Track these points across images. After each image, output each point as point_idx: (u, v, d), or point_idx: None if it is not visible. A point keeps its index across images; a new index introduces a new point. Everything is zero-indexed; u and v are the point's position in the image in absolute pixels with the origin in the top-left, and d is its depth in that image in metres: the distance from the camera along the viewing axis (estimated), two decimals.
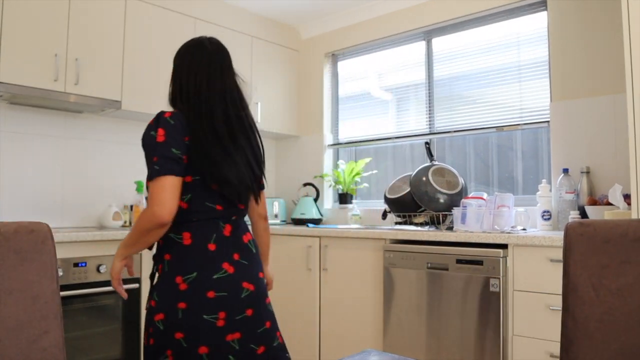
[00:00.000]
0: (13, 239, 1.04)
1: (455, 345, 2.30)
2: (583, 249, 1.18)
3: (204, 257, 1.39)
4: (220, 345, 1.36)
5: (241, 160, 1.47)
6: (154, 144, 1.40)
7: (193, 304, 1.35)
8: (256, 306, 1.44)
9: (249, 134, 1.53)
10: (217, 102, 1.53)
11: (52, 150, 2.88)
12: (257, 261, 1.51)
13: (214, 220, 1.44)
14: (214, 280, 1.37)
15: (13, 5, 2.44)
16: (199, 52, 1.68)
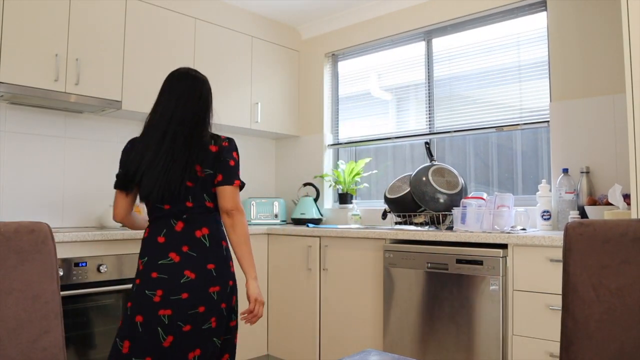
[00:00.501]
0: (13, 239, 1.04)
1: (455, 345, 2.30)
2: (583, 249, 1.18)
3: (154, 246, 1.75)
4: (152, 317, 1.66)
5: (164, 169, 1.74)
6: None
7: (142, 281, 1.71)
8: (193, 292, 1.68)
9: (189, 149, 1.77)
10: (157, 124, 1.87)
11: (52, 150, 2.88)
12: (208, 254, 1.75)
13: (165, 219, 1.77)
14: (159, 265, 1.70)
15: (13, 5, 2.44)
16: (166, 84, 1.98)
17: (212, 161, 1.81)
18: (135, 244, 2.56)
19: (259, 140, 4.01)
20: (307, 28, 3.94)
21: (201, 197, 1.79)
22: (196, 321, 1.68)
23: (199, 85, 1.93)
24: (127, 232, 2.53)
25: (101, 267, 2.41)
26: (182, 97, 1.88)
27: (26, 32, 2.48)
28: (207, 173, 1.79)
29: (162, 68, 3.04)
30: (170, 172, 1.73)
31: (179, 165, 1.74)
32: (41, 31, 2.53)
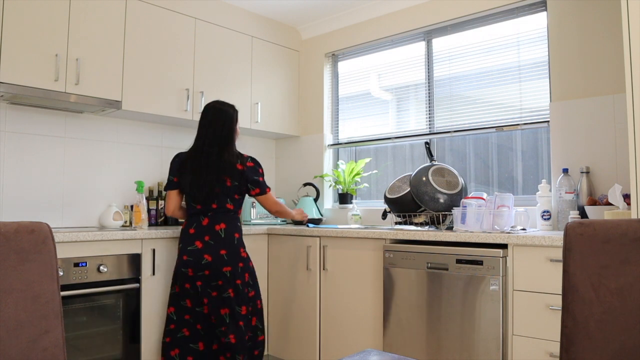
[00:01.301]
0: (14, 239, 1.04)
1: (455, 345, 2.30)
2: (583, 249, 1.18)
3: (186, 236, 2.48)
4: (188, 286, 2.45)
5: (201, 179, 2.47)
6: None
7: (179, 261, 2.48)
8: (211, 270, 2.42)
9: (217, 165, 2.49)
10: (196, 146, 2.57)
11: (52, 150, 2.88)
12: (222, 243, 2.46)
13: (196, 215, 2.50)
14: (188, 250, 2.45)
15: (13, 5, 2.44)
16: (203, 114, 2.62)
17: (239, 176, 2.52)
18: (134, 245, 2.57)
19: (259, 140, 4.01)
20: (307, 28, 3.94)
21: (224, 201, 2.50)
22: (219, 290, 2.43)
23: (222, 115, 2.56)
24: (127, 233, 2.53)
25: (101, 267, 2.42)
26: (211, 125, 2.54)
27: (26, 32, 2.48)
28: (234, 184, 2.51)
29: (162, 68, 3.06)
30: (204, 182, 2.46)
31: (211, 177, 2.46)
32: (41, 31, 2.53)
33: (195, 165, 2.48)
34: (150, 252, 2.63)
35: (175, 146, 3.45)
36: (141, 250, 2.59)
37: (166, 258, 2.70)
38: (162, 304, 2.67)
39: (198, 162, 2.48)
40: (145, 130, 3.30)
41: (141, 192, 2.90)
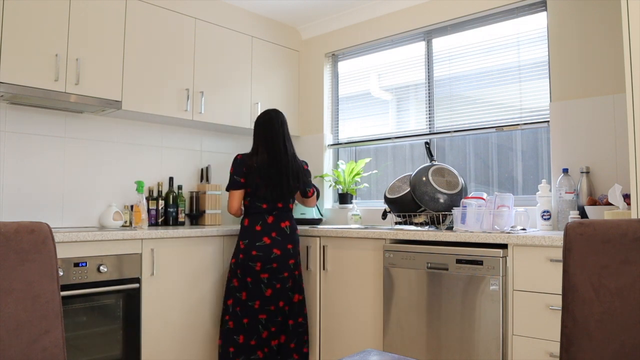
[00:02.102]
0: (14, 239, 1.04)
1: (455, 345, 2.30)
2: (583, 249, 1.18)
3: (253, 232, 2.70)
4: (256, 278, 2.67)
5: (278, 182, 2.72)
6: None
7: (245, 255, 2.68)
8: (279, 263, 2.69)
9: (288, 166, 2.76)
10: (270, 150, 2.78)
11: (52, 150, 2.88)
12: (289, 238, 2.74)
13: (261, 214, 2.74)
14: (256, 246, 2.67)
15: (13, 5, 2.44)
16: (266, 119, 2.87)
17: (303, 178, 2.82)
18: (133, 245, 2.57)
19: None
20: (307, 28, 3.94)
21: (288, 200, 2.78)
22: (282, 282, 2.71)
23: (284, 120, 2.86)
24: (127, 233, 2.53)
25: (101, 267, 2.42)
26: (279, 130, 2.80)
27: (26, 32, 2.48)
28: (296, 185, 2.78)
29: (162, 68, 3.06)
30: (276, 183, 2.70)
31: (284, 179, 2.71)
32: (41, 31, 2.53)
33: (268, 167, 2.69)
34: (150, 252, 2.63)
35: (175, 146, 3.45)
36: (141, 250, 2.59)
37: (166, 258, 2.70)
38: (163, 304, 2.68)
39: (271, 165, 2.70)
40: (145, 130, 3.30)
41: (141, 192, 2.90)
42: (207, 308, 2.89)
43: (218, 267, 2.95)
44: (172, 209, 3.28)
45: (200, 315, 2.85)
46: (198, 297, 2.85)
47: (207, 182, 3.54)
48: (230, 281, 2.74)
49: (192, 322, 2.82)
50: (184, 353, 2.77)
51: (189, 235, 2.81)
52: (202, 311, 2.86)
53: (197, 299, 2.84)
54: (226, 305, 2.73)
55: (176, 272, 2.75)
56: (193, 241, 2.84)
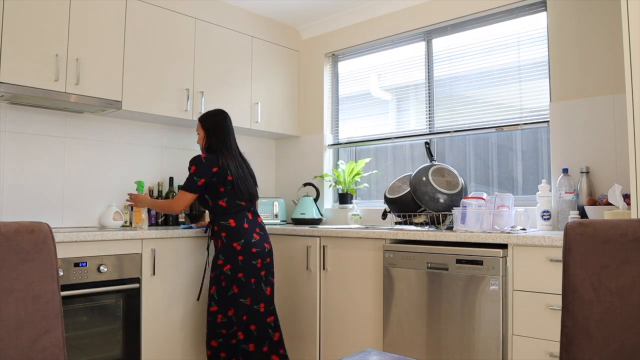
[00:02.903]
0: (14, 239, 1.04)
1: (455, 345, 2.30)
2: (583, 249, 1.18)
3: (244, 231, 2.59)
4: (258, 277, 2.60)
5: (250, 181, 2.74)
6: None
7: (245, 256, 2.56)
8: (271, 257, 2.68)
9: (245, 164, 2.78)
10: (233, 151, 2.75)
11: (52, 150, 2.88)
12: (267, 232, 2.74)
13: (243, 211, 2.65)
14: (252, 243, 2.59)
15: (14, 5, 2.44)
16: (221, 118, 2.78)
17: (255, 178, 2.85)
18: (133, 245, 2.57)
19: (259, 140, 4.01)
20: (307, 28, 3.94)
21: (257, 197, 2.79)
22: (274, 276, 2.78)
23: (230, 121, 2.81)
24: (127, 233, 2.53)
25: (101, 267, 2.42)
26: (230, 130, 2.75)
27: (26, 32, 2.48)
28: (256, 184, 2.83)
29: (162, 68, 3.06)
30: (249, 181, 2.71)
31: (251, 176, 2.76)
32: (41, 31, 2.53)
33: (238, 165, 2.67)
34: (150, 252, 2.63)
35: (175, 146, 3.45)
36: (141, 250, 2.59)
37: (166, 258, 2.70)
38: (163, 304, 2.68)
39: (240, 163, 2.69)
40: (145, 130, 3.30)
41: (141, 192, 2.90)
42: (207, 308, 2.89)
43: None
44: None
45: (201, 315, 2.85)
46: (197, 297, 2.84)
47: None
48: (226, 290, 2.55)
49: (192, 322, 2.82)
50: (184, 353, 2.77)
51: (189, 235, 2.81)
52: (203, 311, 2.86)
53: (196, 299, 2.84)
54: (227, 317, 2.55)
55: (176, 272, 2.75)
56: (193, 241, 2.84)
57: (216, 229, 2.61)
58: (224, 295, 2.56)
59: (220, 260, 2.56)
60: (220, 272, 2.56)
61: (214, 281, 2.58)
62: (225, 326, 2.55)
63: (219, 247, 2.60)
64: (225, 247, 2.57)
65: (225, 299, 2.56)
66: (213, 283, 2.58)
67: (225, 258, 2.56)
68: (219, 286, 2.56)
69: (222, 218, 2.60)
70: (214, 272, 2.58)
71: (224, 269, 2.55)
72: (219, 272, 2.56)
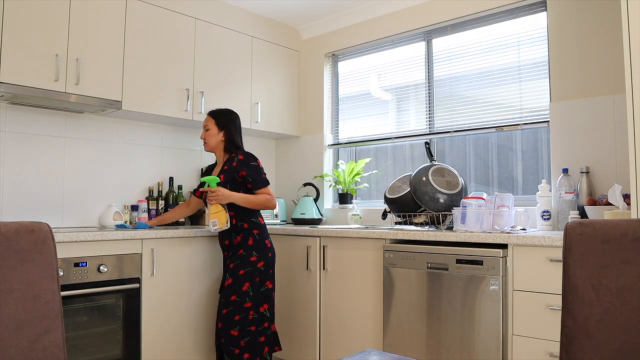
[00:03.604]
0: (14, 239, 1.04)
1: (455, 345, 2.30)
2: (583, 249, 1.18)
3: (266, 229, 2.71)
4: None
5: None
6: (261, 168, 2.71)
7: (273, 253, 2.67)
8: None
9: None
10: None
11: (52, 150, 2.88)
12: None
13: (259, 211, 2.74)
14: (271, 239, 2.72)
15: (14, 5, 2.44)
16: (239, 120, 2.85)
17: None
18: (133, 245, 2.57)
19: (259, 140, 4.01)
20: (307, 28, 3.94)
21: None
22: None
23: None
24: (127, 233, 2.53)
25: (101, 267, 2.42)
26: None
27: (26, 32, 2.48)
28: None
29: (162, 68, 3.06)
30: None
31: None
32: (41, 31, 2.53)
33: None
34: (150, 252, 2.63)
35: (175, 146, 3.45)
36: (141, 250, 2.59)
37: (166, 258, 2.70)
38: (163, 304, 2.68)
39: None
40: (145, 130, 3.30)
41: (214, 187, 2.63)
42: (207, 308, 2.89)
43: (218, 267, 2.95)
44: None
45: (201, 315, 2.85)
46: (198, 297, 2.85)
47: None
48: (260, 285, 2.60)
49: (192, 322, 2.82)
50: (183, 353, 2.77)
51: (189, 235, 2.81)
52: (202, 311, 2.86)
53: (197, 298, 2.84)
54: (259, 313, 2.58)
55: (176, 272, 2.75)
56: (193, 241, 2.84)
57: (246, 226, 2.62)
58: (257, 291, 2.57)
59: (254, 257, 2.58)
60: (254, 268, 2.57)
61: (246, 278, 2.55)
62: (256, 322, 2.56)
63: (250, 244, 2.60)
64: (258, 244, 2.61)
65: (258, 294, 2.58)
66: (245, 279, 2.55)
67: (259, 255, 2.60)
68: (253, 282, 2.56)
69: (253, 215, 2.66)
70: (245, 269, 2.56)
71: (257, 266, 2.58)
72: (252, 268, 2.57)
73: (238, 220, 2.63)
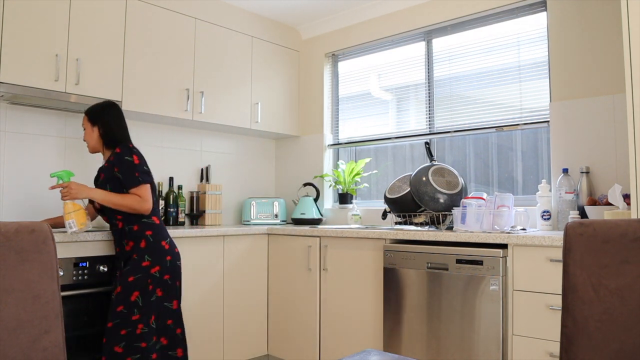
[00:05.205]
0: (14, 238, 1.04)
1: (455, 345, 2.30)
2: (583, 249, 1.18)
3: (165, 231, 2.39)
4: (180, 278, 2.38)
5: None
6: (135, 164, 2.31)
7: (173, 256, 2.34)
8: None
9: None
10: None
11: (52, 150, 2.88)
12: None
13: (157, 210, 2.42)
14: (174, 243, 2.40)
15: (14, 5, 2.44)
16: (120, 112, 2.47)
17: None
18: None
19: (259, 140, 4.01)
20: (307, 28, 3.94)
21: None
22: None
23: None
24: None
25: (101, 267, 2.41)
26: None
27: (26, 32, 2.48)
28: None
29: (162, 68, 3.06)
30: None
31: None
32: (41, 31, 2.53)
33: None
34: None
35: (175, 146, 3.45)
36: None
37: None
38: None
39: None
40: (145, 130, 3.30)
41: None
42: (207, 308, 2.89)
43: (218, 267, 2.95)
44: (172, 209, 3.28)
45: (200, 315, 2.85)
46: (197, 296, 2.85)
47: (207, 182, 3.54)
48: (151, 294, 2.22)
49: (191, 322, 2.81)
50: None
51: (189, 235, 2.81)
52: (202, 311, 2.86)
53: (197, 298, 2.84)
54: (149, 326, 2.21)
55: None
56: (193, 241, 2.84)
57: (135, 228, 2.28)
58: (148, 301, 2.23)
59: (146, 262, 2.24)
60: (145, 274, 2.23)
61: (136, 286, 2.21)
62: (146, 338, 2.20)
63: (142, 248, 2.26)
64: (151, 246, 2.27)
65: (149, 305, 2.23)
66: (135, 288, 2.20)
67: (153, 259, 2.25)
68: (143, 291, 2.22)
69: (143, 215, 2.31)
70: (135, 275, 2.21)
71: (151, 271, 2.24)
72: (143, 274, 2.22)
73: (125, 224, 2.29)
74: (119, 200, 2.25)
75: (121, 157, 2.27)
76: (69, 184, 2.22)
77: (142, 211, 2.26)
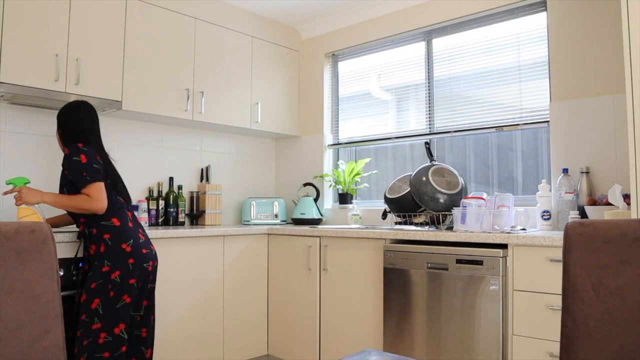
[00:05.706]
0: (14, 238, 1.04)
1: (455, 345, 2.30)
2: (583, 249, 1.18)
3: (131, 231, 2.23)
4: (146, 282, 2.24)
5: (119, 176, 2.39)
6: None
7: (137, 259, 2.19)
8: (157, 260, 2.32)
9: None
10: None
11: (52, 150, 2.88)
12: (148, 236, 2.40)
13: (123, 209, 2.28)
14: (141, 243, 2.23)
15: (14, 5, 2.44)
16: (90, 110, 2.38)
17: None
18: None
19: (259, 140, 4.01)
20: (307, 28, 3.94)
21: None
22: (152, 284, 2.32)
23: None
24: None
25: None
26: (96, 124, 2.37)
27: (26, 32, 2.48)
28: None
29: (162, 68, 3.06)
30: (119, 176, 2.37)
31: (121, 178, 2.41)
32: (41, 31, 2.53)
33: (108, 159, 2.32)
34: None
35: (175, 146, 3.45)
36: None
37: (165, 258, 2.70)
38: (162, 304, 2.67)
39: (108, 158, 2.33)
40: (145, 130, 3.30)
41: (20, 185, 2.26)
42: (207, 308, 2.89)
43: (218, 267, 2.95)
44: (172, 209, 3.29)
45: (200, 315, 2.85)
46: (198, 297, 2.85)
47: (207, 182, 3.54)
48: (116, 301, 2.12)
49: (191, 322, 2.82)
50: (183, 353, 2.77)
51: (189, 235, 2.81)
52: (202, 311, 2.86)
53: (197, 298, 2.84)
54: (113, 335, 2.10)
55: (176, 272, 2.75)
56: (193, 241, 2.84)
57: (95, 232, 2.18)
58: (112, 308, 2.11)
59: (106, 267, 2.12)
60: (106, 280, 2.11)
61: (98, 293, 2.10)
62: (109, 347, 2.09)
63: (102, 252, 2.15)
64: (111, 250, 2.15)
65: (112, 312, 2.11)
66: (96, 295, 2.10)
67: (112, 264, 2.13)
68: (105, 298, 2.10)
69: (102, 218, 2.19)
70: (97, 281, 2.11)
71: (111, 277, 2.12)
72: (104, 280, 2.11)
73: (86, 227, 2.21)
74: (67, 201, 2.16)
75: (69, 157, 2.17)
76: (20, 189, 2.18)
77: (93, 211, 2.14)
